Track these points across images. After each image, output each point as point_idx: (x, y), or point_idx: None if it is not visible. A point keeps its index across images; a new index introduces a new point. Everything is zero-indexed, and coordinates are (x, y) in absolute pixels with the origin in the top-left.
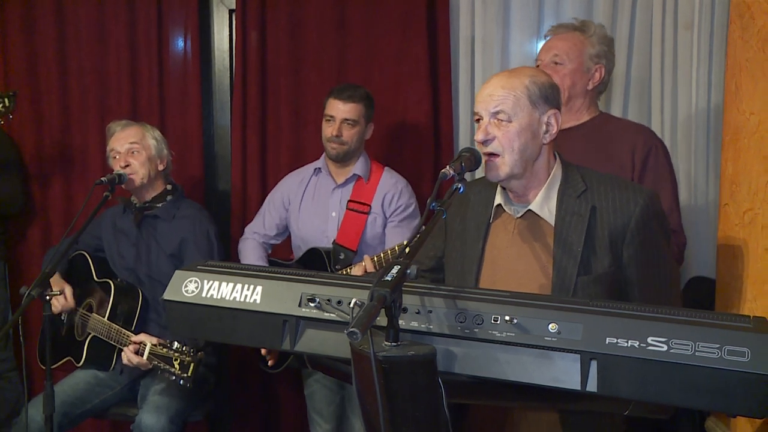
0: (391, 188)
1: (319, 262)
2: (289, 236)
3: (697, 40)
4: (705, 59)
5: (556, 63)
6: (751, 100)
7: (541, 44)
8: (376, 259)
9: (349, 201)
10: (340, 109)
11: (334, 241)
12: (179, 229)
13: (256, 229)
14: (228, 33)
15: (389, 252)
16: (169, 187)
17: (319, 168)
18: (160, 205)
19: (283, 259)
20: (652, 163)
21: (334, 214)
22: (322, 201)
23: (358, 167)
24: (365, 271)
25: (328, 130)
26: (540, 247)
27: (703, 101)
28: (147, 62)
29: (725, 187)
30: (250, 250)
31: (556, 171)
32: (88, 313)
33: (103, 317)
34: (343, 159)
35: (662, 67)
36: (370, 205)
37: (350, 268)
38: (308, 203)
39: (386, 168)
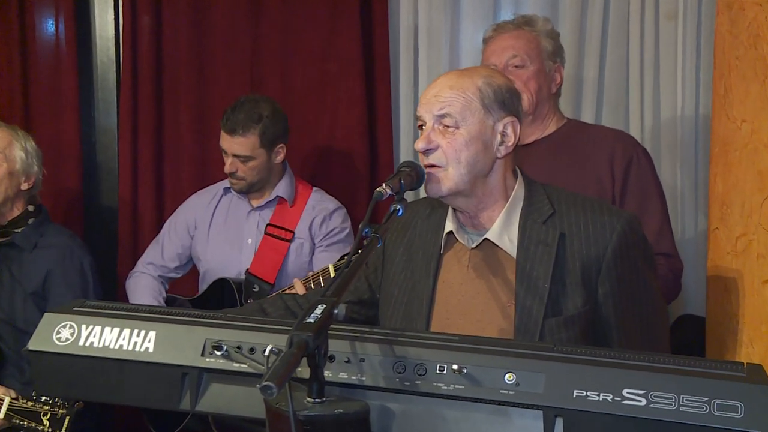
0: (320, 211)
1: (227, 296)
2: (195, 269)
3: (683, 32)
4: (692, 55)
5: (516, 66)
6: (742, 105)
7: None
8: (304, 281)
9: (269, 225)
10: (229, 143)
11: (247, 270)
12: (43, 261)
13: (152, 260)
14: (113, 16)
15: (320, 273)
16: (30, 208)
17: (229, 188)
18: (18, 230)
19: (186, 297)
20: (634, 174)
21: (249, 241)
22: (235, 225)
23: (280, 189)
24: None
25: (225, 163)
26: (499, 284)
27: (690, 106)
28: (6, 50)
29: (715, 209)
30: (142, 289)
31: (518, 191)
32: None
33: None
34: (248, 191)
35: (642, 65)
36: (293, 232)
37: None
38: (218, 228)
39: (315, 189)
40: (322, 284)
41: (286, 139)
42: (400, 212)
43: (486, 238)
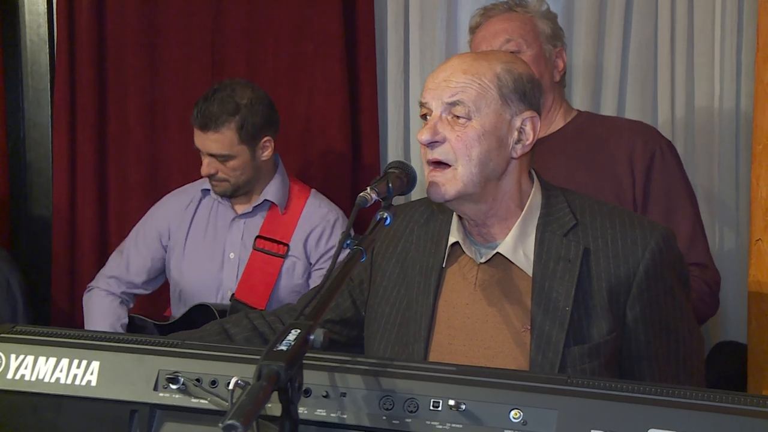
0: (319, 221)
1: None
2: (166, 284)
3: (721, 6)
4: (732, 34)
5: (512, 52)
6: None
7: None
8: None
9: (258, 238)
10: (202, 141)
11: (232, 295)
12: None
13: (115, 272)
14: None
15: None
16: None
17: (208, 189)
18: None
19: (155, 319)
20: (658, 172)
21: (232, 255)
22: (216, 236)
23: (269, 192)
24: None
25: (202, 164)
26: (512, 306)
27: (729, 95)
28: None
29: (758, 217)
30: (98, 314)
31: (534, 198)
32: None
33: None
34: (233, 195)
35: (672, 44)
36: (287, 245)
37: None
38: (197, 239)
39: (313, 192)
40: None
41: (272, 131)
42: (388, 221)
43: (498, 252)
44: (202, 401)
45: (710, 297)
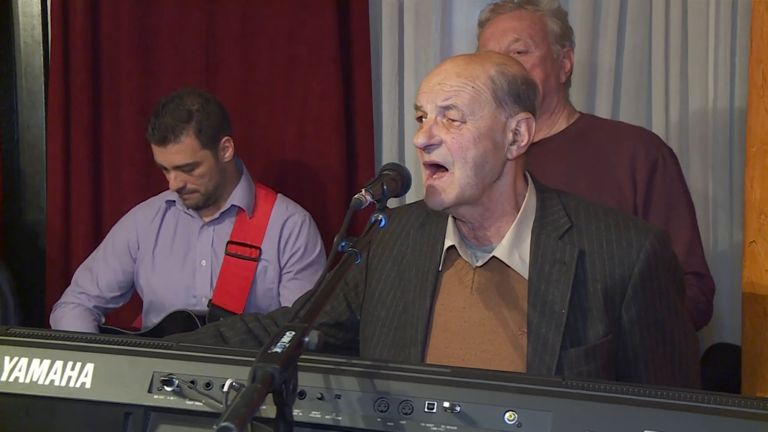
0: (286, 223)
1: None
2: (136, 298)
3: (715, 9)
4: (726, 37)
5: (519, 52)
6: None
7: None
8: None
9: (230, 243)
10: (164, 156)
11: (209, 301)
12: None
13: (85, 288)
14: None
15: None
16: None
17: (173, 200)
18: None
19: (127, 329)
20: (660, 181)
21: (204, 262)
22: (185, 245)
23: (236, 197)
24: None
25: (168, 180)
26: (508, 309)
27: (723, 97)
28: None
29: (751, 219)
30: (71, 322)
31: (529, 200)
32: None
33: None
34: (205, 205)
35: (666, 48)
36: (259, 248)
37: None
38: (165, 250)
39: (279, 195)
40: None
41: (229, 131)
42: (383, 223)
43: (494, 256)
44: (196, 403)
45: (706, 306)
